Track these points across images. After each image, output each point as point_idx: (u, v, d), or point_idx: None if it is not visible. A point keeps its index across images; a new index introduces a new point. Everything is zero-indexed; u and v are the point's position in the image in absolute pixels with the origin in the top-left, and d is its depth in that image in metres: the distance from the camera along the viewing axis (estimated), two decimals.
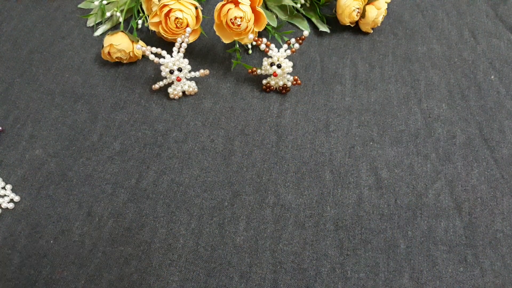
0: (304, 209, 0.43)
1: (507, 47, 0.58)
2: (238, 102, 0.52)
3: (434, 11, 0.63)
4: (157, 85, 0.51)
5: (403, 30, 0.60)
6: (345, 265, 0.40)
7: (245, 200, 0.44)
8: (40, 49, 0.58)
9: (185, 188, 0.45)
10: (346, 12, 0.56)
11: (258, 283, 0.39)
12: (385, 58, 0.57)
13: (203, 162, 0.47)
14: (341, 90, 0.53)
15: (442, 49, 0.58)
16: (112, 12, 0.59)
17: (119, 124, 0.50)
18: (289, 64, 0.49)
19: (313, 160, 0.47)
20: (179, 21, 0.50)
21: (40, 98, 0.52)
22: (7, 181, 0.45)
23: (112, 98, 0.52)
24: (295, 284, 0.39)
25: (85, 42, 0.58)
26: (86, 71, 0.55)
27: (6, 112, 0.51)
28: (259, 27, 0.50)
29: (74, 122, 0.50)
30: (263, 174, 0.46)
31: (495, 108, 0.51)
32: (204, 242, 0.41)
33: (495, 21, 0.61)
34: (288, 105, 0.52)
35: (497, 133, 0.49)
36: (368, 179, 0.45)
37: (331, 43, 0.59)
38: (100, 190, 0.44)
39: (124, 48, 0.52)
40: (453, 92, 0.53)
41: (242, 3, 0.47)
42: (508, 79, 0.54)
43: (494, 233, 0.42)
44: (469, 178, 0.46)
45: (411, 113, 0.51)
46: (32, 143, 0.48)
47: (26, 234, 0.42)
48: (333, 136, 0.49)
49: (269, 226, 0.42)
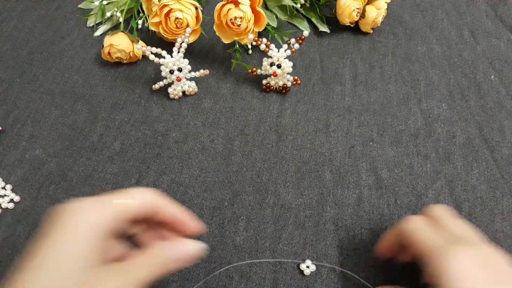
0: (304, 209, 0.43)
1: (507, 47, 0.58)
2: (238, 102, 0.52)
3: (434, 11, 0.63)
4: (157, 85, 0.51)
5: (403, 30, 0.60)
6: (345, 265, 0.40)
7: (245, 200, 0.44)
8: (40, 49, 0.58)
9: (185, 188, 0.45)
10: (346, 12, 0.56)
11: (258, 283, 0.39)
12: (385, 58, 0.57)
13: (203, 162, 0.47)
14: (341, 90, 0.53)
15: (442, 49, 0.58)
16: (112, 12, 0.59)
17: (119, 124, 0.50)
18: (289, 64, 0.49)
19: (313, 160, 0.47)
20: (179, 21, 0.50)
21: (40, 98, 0.52)
22: (7, 181, 0.45)
23: (112, 98, 0.52)
24: (295, 284, 0.39)
25: (85, 42, 0.59)
26: (86, 71, 0.55)
27: (6, 112, 0.51)
28: (259, 27, 0.50)
29: (74, 122, 0.50)
30: (263, 174, 0.46)
31: (495, 108, 0.51)
32: (204, 242, 0.41)
33: (495, 21, 0.61)
34: (288, 105, 0.52)
35: (497, 133, 0.49)
36: (368, 179, 0.45)
37: (331, 43, 0.59)
38: (100, 190, 0.44)
39: (124, 48, 0.52)
40: (453, 92, 0.53)
41: (242, 3, 0.47)
42: (508, 79, 0.54)
43: (494, 233, 0.42)
44: (469, 178, 0.46)
45: (411, 113, 0.51)
46: (32, 143, 0.48)
47: (26, 234, 0.42)
48: (333, 136, 0.49)
49: (269, 226, 0.42)
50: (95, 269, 0.26)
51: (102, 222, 0.27)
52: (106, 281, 0.26)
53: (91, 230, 0.26)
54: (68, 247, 0.26)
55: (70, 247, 0.26)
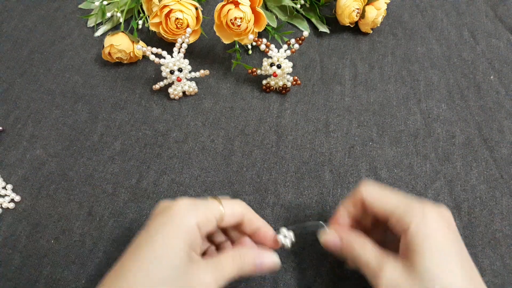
0: (304, 209, 0.44)
1: (506, 47, 0.58)
2: (238, 102, 0.52)
3: (434, 12, 0.63)
4: (158, 85, 0.51)
5: (402, 30, 0.60)
6: (345, 265, 0.40)
7: (245, 200, 0.44)
8: (41, 49, 0.58)
9: (186, 188, 0.45)
10: (346, 12, 0.56)
11: (258, 283, 0.39)
12: (385, 59, 0.57)
13: (203, 162, 0.47)
14: (341, 90, 0.53)
15: (442, 49, 0.58)
16: (112, 12, 0.59)
17: (120, 124, 0.50)
18: (289, 64, 0.50)
19: (312, 160, 0.47)
20: (179, 22, 0.50)
21: (41, 98, 0.52)
22: (7, 181, 0.45)
23: (113, 98, 0.52)
24: (295, 284, 0.39)
25: (86, 42, 0.59)
26: (87, 71, 0.55)
27: (7, 112, 0.51)
28: (259, 28, 0.50)
29: (75, 122, 0.50)
30: (263, 174, 0.46)
31: (495, 108, 0.51)
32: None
33: (494, 21, 0.61)
34: (288, 105, 0.52)
35: (496, 133, 0.49)
36: (367, 179, 0.45)
37: (331, 43, 0.59)
38: (100, 190, 0.45)
39: (125, 48, 0.52)
40: (452, 92, 0.53)
41: (242, 3, 0.47)
42: (507, 79, 0.54)
43: (493, 233, 0.42)
44: (468, 178, 0.46)
45: (411, 113, 0.51)
46: (33, 143, 0.48)
47: (26, 234, 0.42)
48: (333, 136, 0.49)
49: None
50: (193, 264, 0.29)
51: (205, 223, 0.31)
52: (202, 275, 0.29)
53: (196, 229, 0.30)
54: (176, 242, 0.29)
55: (178, 242, 0.29)
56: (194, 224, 0.30)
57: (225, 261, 0.31)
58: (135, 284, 0.27)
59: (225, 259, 0.31)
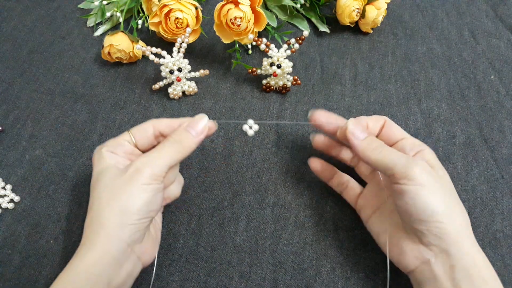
0: (304, 209, 0.43)
1: (507, 47, 0.58)
2: (238, 102, 0.52)
3: (434, 11, 0.63)
4: (157, 85, 0.51)
5: (403, 30, 0.60)
6: (345, 265, 0.40)
7: (245, 200, 0.44)
8: (40, 49, 0.58)
9: (185, 188, 0.45)
10: (346, 12, 0.56)
11: (258, 283, 0.39)
12: (385, 58, 0.57)
13: (203, 162, 0.47)
14: (341, 90, 0.53)
15: (442, 49, 0.58)
16: (112, 12, 0.59)
17: (119, 124, 0.50)
18: (289, 64, 0.49)
19: None
20: (179, 21, 0.50)
21: (40, 98, 0.52)
22: (7, 181, 0.45)
23: (112, 98, 0.52)
24: (295, 284, 0.39)
25: (85, 42, 0.59)
26: (86, 71, 0.55)
27: (6, 112, 0.51)
28: (259, 27, 0.50)
29: (74, 122, 0.50)
30: (263, 174, 0.46)
31: (495, 108, 0.51)
32: (204, 242, 0.42)
33: (495, 21, 0.61)
34: (288, 105, 0.52)
35: (497, 133, 0.49)
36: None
37: (331, 43, 0.59)
38: None
39: (124, 48, 0.52)
40: (453, 92, 0.53)
41: (242, 3, 0.47)
42: (508, 79, 0.54)
43: (494, 233, 0.42)
44: (469, 178, 0.46)
45: (411, 113, 0.51)
46: (32, 143, 0.48)
47: (26, 234, 0.42)
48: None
49: (269, 226, 0.42)
50: (127, 168, 0.34)
51: (116, 146, 0.36)
52: (143, 169, 0.33)
53: (111, 154, 0.36)
54: (106, 169, 0.35)
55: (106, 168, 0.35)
56: (108, 151, 0.36)
57: (163, 148, 0.35)
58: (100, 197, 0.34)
59: (162, 146, 0.36)
